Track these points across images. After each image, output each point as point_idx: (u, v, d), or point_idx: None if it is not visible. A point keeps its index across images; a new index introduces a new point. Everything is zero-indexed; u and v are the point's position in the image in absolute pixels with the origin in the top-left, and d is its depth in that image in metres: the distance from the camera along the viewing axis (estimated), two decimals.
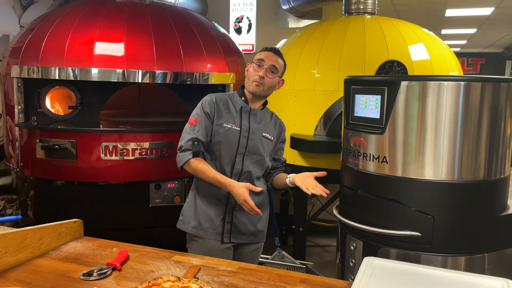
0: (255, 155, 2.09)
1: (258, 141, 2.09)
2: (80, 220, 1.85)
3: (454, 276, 1.40)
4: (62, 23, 3.06)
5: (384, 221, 1.97)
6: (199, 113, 2.06)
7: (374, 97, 1.97)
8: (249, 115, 2.09)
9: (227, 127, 2.05)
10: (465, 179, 1.87)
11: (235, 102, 2.12)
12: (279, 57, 2.10)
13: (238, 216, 2.11)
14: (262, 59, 2.06)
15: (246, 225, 2.13)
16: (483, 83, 1.85)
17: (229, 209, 2.10)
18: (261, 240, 2.23)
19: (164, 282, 1.37)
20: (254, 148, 2.08)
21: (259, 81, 2.03)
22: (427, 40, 3.30)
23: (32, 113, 3.08)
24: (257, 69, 2.06)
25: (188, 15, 3.49)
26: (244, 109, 2.10)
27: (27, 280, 1.44)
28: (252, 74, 2.06)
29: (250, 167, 2.07)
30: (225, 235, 2.11)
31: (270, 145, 2.15)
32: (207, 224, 2.11)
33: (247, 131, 2.07)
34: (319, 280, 1.50)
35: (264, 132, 2.11)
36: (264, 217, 2.21)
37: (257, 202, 2.10)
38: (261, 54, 2.09)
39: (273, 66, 2.05)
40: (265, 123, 2.14)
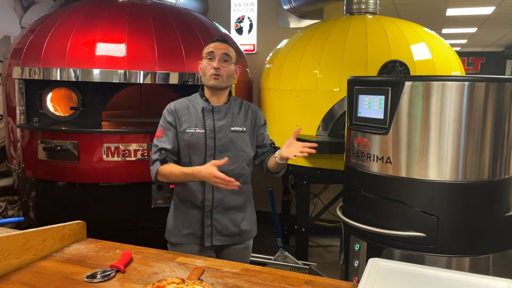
0: (228, 153, 2.02)
1: (227, 138, 2.04)
2: (83, 221, 1.85)
3: (460, 277, 1.39)
4: (64, 24, 3.05)
5: (388, 222, 1.96)
6: (162, 124, 2.07)
7: (378, 98, 1.97)
8: (213, 114, 2.05)
9: (190, 132, 2.03)
10: (469, 180, 1.86)
11: (196, 104, 2.08)
12: (229, 45, 2.05)
13: (218, 219, 2.07)
14: (211, 51, 2.01)
15: (227, 226, 2.09)
16: (487, 83, 1.84)
17: (206, 212, 2.06)
18: (247, 239, 2.18)
19: (169, 284, 1.37)
20: (224, 146, 2.03)
21: (216, 73, 1.99)
22: (429, 39, 3.29)
23: (33, 114, 3.07)
24: (209, 62, 2.01)
25: (189, 15, 3.49)
26: (206, 109, 2.05)
27: (31, 282, 1.44)
28: (207, 69, 2.01)
29: (223, 167, 1.92)
30: (205, 239, 2.07)
31: (245, 136, 2.08)
32: (187, 230, 2.09)
33: (212, 132, 2.02)
34: (323, 281, 1.49)
35: (233, 126, 2.06)
36: (248, 216, 2.16)
37: (238, 203, 2.10)
38: (209, 47, 2.04)
39: (224, 54, 2.01)
40: (233, 116, 2.08)
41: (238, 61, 2.10)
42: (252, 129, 2.12)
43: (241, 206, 2.13)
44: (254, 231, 2.23)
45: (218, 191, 2.04)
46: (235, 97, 2.18)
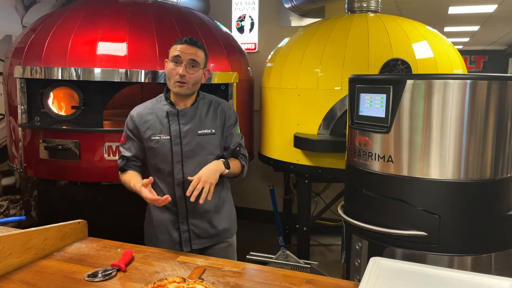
0: (196, 158, 1.93)
1: (194, 142, 1.93)
2: (84, 220, 1.85)
3: (462, 276, 1.39)
4: (65, 23, 3.05)
5: (389, 220, 1.95)
6: (125, 131, 2.01)
7: (379, 96, 1.96)
8: (178, 118, 1.93)
9: (155, 139, 1.93)
10: (471, 178, 1.85)
11: (160, 109, 1.96)
12: (197, 48, 1.90)
13: (195, 223, 1.99)
14: (178, 55, 1.87)
15: (205, 229, 2.01)
16: (489, 82, 1.83)
17: (181, 218, 1.98)
18: (228, 237, 2.10)
19: (170, 283, 1.37)
20: (191, 151, 1.93)
21: (180, 80, 1.86)
22: (431, 38, 3.28)
23: (35, 113, 3.08)
24: (175, 67, 1.87)
25: (190, 14, 3.49)
26: (171, 113, 1.93)
27: (32, 281, 1.44)
28: (172, 74, 1.88)
29: (192, 173, 1.87)
30: (184, 244, 1.99)
31: (214, 138, 1.98)
32: (164, 236, 2.01)
33: (178, 137, 1.92)
34: (325, 280, 1.49)
35: (200, 129, 1.95)
36: (226, 215, 2.08)
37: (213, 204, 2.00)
38: (176, 49, 1.88)
39: (191, 60, 1.87)
40: (200, 118, 1.96)
41: (207, 64, 1.98)
42: (221, 129, 2.02)
43: (217, 206, 2.04)
44: (234, 228, 2.16)
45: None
46: (204, 95, 2.05)
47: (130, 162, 2.00)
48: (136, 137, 1.99)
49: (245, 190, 4.84)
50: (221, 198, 2.07)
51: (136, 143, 1.99)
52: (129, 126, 2.00)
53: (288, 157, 3.34)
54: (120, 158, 2.03)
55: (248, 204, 4.84)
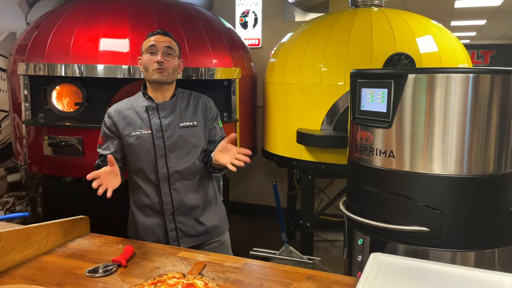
0: (180, 151, 1.91)
1: (176, 135, 1.90)
2: (86, 216, 1.86)
3: (464, 272, 1.37)
4: (67, 20, 3.06)
5: (391, 216, 1.94)
6: (103, 131, 1.97)
7: (380, 91, 1.94)
8: (158, 111, 1.91)
9: (136, 135, 1.89)
10: (474, 174, 1.83)
11: (139, 104, 1.93)
12: (171, 38, 1.93)
13: (182, 221, 1.95)
14: (153, 45, 1.87)
15: (193, 227, 1.96)
16: (492, 75, 1.81)
17: (168, 216, 1.93)
18: (218, 235, 2.05)
19: (169, 278, 1.37)
20: (174, 144, 1.90)
21: (159, 67, 1.85)
22: (436, 32, 3.24)
23: (39, 110, 3.09)
24: (151, 56, 1.87)
25: (193, 10, 3.48)
26: (150, 107, 1.91)
27: (33, 277, 1.45)
28: (149, 63, 1.87)
29: (177, 166, 1.89)
30: (171, 243, 1.94)
31: (197, 130, 1.94)
32: (150, 238, 1.95)
33: (159, 131, 1.88)
34: (325, 276, 1.48)
35: (182, 122, 1.92)
36: (214, 212, 2.03)
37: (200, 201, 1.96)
38: (149, 41, 1.89)
39: (167, 47, 1.88)
40: (181, 111, 1.94)
41: (181, 54, 1.98)
42: (204, 122, 1.98)
43: (203, 202, 1.99)
44: (225, 225, 2.11)
45: (177, 192, 1.92)
46: (182, 90, 2.03)
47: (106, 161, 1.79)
48: (114, 135, 1.94)
49: (248, 186, 4.84)
50: (208, 195, 2.02)
51: (115, 141, 1.94)
52: (106, 124, 1.95)
53: (291, 153, 3.33)
54: (98, 159, 1.95)
55: (251, 200, 4.84)
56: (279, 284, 1.42)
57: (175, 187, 1.92)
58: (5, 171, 3.91)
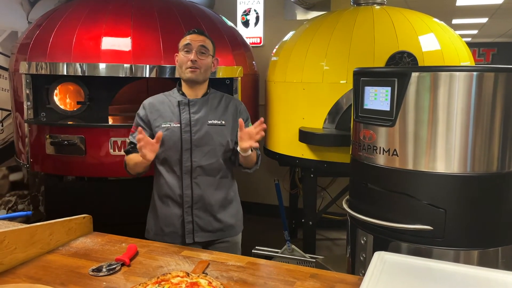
0: (205, 147, 1.98)
1: (203, 131, 1.97)
2: (89, 215, 1.86)
3: (467, 270, 1.37)
4: (69, 18, 3.06)
5: (394, 215, 1.94)
6: (136, 121, 2.05)
7: (384, 89, 1.94)
8: (189, 107, 1.99)
9: (165, 127, 1.97)
10: (477, 172, 1.83)
11: (172, 98, 2.03)
12: (205, 37, 2.00)
13: (199, 215, 2.01)
14: (188, 43, 1.95)
15: (210, 222, 2.02)
16: (496, 73, 1.80)
17: (186, 208, 1.99)
18: (232, 234, 2.10)
19: (173, 277, 1.37)
20: (201, 140, 1.97)
21: (192, 66, 1.93)
22: (438, 30, 3.24)
23: (41, 109, 3.09)
24: (186, 55, 1.95)
25: (194, 8, 3.47)
26: (182, 102, 1.99)
27: (37, 276, 1.45)
28: (183, 61, 1.95)
29: (201, 161, 1.96)
30: (187, 236, 2.00)
31: (224, 129, 2.01)
32: (168, 229, 2.03)
33: (188, 125, 1.96)
34: (329, 275, 1.48)
35: (210, 120, 1.99)
36: (232, 211, 2.09)
37: (219, 198, 2.03)
38: (185, 39, 1.98)
39: (202, 46, 1.95)
40: (211, 109, 2.01)
41: (215, 53, 2.05)
42: (233, 123, 2.04)
43: (223, 201, 2.05)
44: (239, 226, 2.15)
45: (198, 186, 1.98)
46: (215, 90, 2.11)
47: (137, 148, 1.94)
48: (146, 126, 2.01)
49: (251, 185, 4.84)
50: (228, 195, 2.08)
51: (146, 132, 1.99)
52: (140, 115, 2.05)
53: (293, 152, 3.33)
54: (128, 145, 2.07)
55: (253, 199, 4.84)
56: (283, 282, 1.42)
57: (197, 181, 1.99)
58: (7, 170, 3.91)
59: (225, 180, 2.06)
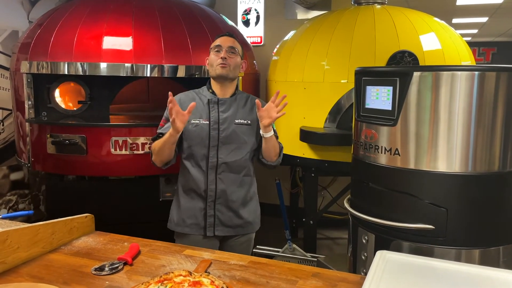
0: (231, 144, 2.08)
1: (231, 129, 2.08)
2: (91, 215, 1.86)
3: (469, 269, 1.37)
4: (70, 18, 3.06)
5: (396, 214, 1.94)
6: (166, 115, 2.11)
7: (385, 89, 1.94)
8: (218, 105, 2.10)
9: (195, 123, 2.07)
10: (479, 171, 1.83)
11: (202, 96, 2.14)
12: (235, 39, 2.14)
13: (221, 210, 2.12)
14: (218, 45, 2.09)
15: (230, 218, 2.13)
16: (497, 73, 1.80)
17: (209, 202, 2.10)
18: (250, 231, 2.22)
19: (176, 276, 1.37)
20: (227, 138, 2.07)
21: (223, 62, 2.05)
22: (439, 29, 3.24)
23: (42, 108, 3.09)
24: (217, 54, 2.08)
25: (195, 8, 3.47)
26: (211, 100, 2.10)
27: (40, 275, 1.45)
28: (214, 60, 2.08)
29: (226, 158, 2.07)
30: (208, 229, 2.12)
31: (249, 129, 2.12)
32: (190, 220, 2.14)
33: (216, 123, 2.07)
34: (331, 274, 1.48)
35: (237, 119, 2.10)
36: (251, 208, 2.21)
37: (241, 195, 2.15)
38: (216, 41, 2.12)
39: (231, 47, 2.08)
40: (238, 108, 2.12)
41: (244, 55, 2.16)
42: (257, 123, 2.10)
43: (244, 198, 2.16)
44: (257, 224, 2.26)
45: (221, 182, 2.09)
46: (242, 91, 2.22)
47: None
48: None
49: None
50: (249, 192, 2.19)
51: None
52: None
53: (294, 151, 3.33)
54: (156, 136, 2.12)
55: None
56: (285, 281, 1.42)
57: (221, 177, 2.09)
58: (8, 169, 3.91)
59: (247, 178, 2.16)
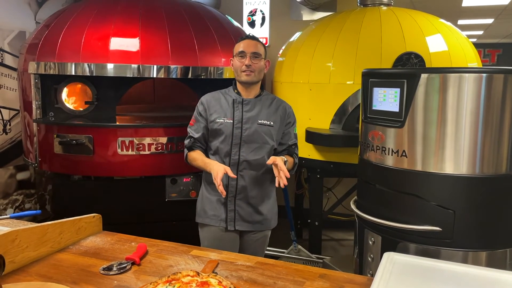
0: (253, 143, 2.15)
1: (254, 129, 2.15)
2: (99, 214, 1.87)
3: (477, 272, 1.37)
4: (78, 19, 3.07)
5: (403, 215, 1.94)
6: (195, 114, 2.25)
7: (393, 90, 1.94)
8: (242, 105, 2.17)
9: (219, 122, 2.16)
10: (486, 173, 1.83)
11: (228, 96, 2.22)
12: (257, 42, 2.19)
13: (241, 205, 2.20)
14: (242, 51, 2.14)
15: (250, 213, 2.21)
16: (505, 75, 1.80)
17: (230, 197, 2.18)
18: (267, 227, 2.30)
19: (184, 276, 1.37)
20: (250, 137, 2.15)
21: (247, 70, 2.12)
22: (445, 31, 3.23)
23: (49, 108, 3.11)
24: (241, 60, 2.14)
25: (202, 9, 3.48)
26: (236, 101, 2.18)
27: (48, 274, 1.46)
28: (239, 66, 2.15)
29: (247, 156, 2.15)
30: (229, 222, 2.20)
31: (271, 130, 2.19)
32: (211, 211, 2.23)
33: (240, 122, 2.14)
34: (338, 275, 1.48)
35: (260, 119, 2.16)
36: (270, 206, 2.28)
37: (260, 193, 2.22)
38: (239, 46, 2.17)
39: (254, 53, 2.14)
40: (261, 109, 2.19)
41: (266, 55, 2.23)
42: (280, 125, 2.21)
43: (263, 195, 2.23)
44: (274, 221, 2.33)
45: (242, 179, 2.17)
46: (268, 92, 2.29)
47: (196, 142, 2.23)
48: (203, 119, 2.22)
49: None
50: (268, 189, 2.26)
51: (202, 125, 2.22)
52: (199, 109, 2.24)
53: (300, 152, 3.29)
54: (187, 138, 2.27)
55: None
56: (292, 282, 1.42)
57: (242, 174, 2.17)
58: (14, 169, 3.93)
59: (267, 175, 2.21)
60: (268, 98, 2.26)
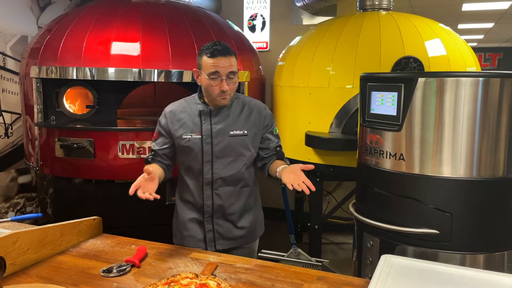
0: (226, 158, 1.93)
1: (225, 143, 1.91)
2: (99, 217, 1.89)
3: (474, 274, 1.38)
4: (79, 23, 3.10)
5: (401, 218, 1.95)
6: (158, 128, 2.01)
7: (390, 94, 1.96)
8: (210, 117, 1.91)
9: (186, 138, 1.92)
10: (483, 176, 1.84)
11: (194, 106, 1.95)
12: (230, 56, 1.85)
13: (220, 223, 1.99)
14: (217, 72, 1.81)
15: (230, 229, 2.01)
16: (502, 79, 1.82)
17: (206, 217, 1.98)
18: (252, 240, 2.10)
19: (183, 279, 1.39)
20: (222, 151, 1.92)
21: (223, 95, 1.86)
22: (444, 35, 3.25)
23: (50, 112, 3.13)
24: (214, 82, 1.83)
25: (202, 13, 3.51)
26: (203, 112, 1.92)
27: (49, 276, 1.47)
28: (212, 91, 1.85)
29: (221, 173, 1.92)
30: (208, 243, 1.99)
31: (246, 139, 1.94)
32: (186, 232, 2.02)
33: (209, 136, 1.90)
34: (336, 277, 1.50)
35: (232, 130, 1.92)
36: (252, 218, 2.07)
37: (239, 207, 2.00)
38: (211, 65, 1.82)
39: (230, 73, 1.84)
40: (233, 119, 1.94)
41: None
42: (256, 131, 1.98)
43: (243, 209, 2.03)
44: (260, 230, 2.16)
45: (218, 197, 1.96)
46: (238, 95, 2.02)
47: (157, 156, 1.99)
48: (167, 134, 1.98)
49: None
50: (248, 202, 2.05)
51: (167, 140, 1.98)
52: (161, 123, 2.00)
53: (299, 156, 3.34)
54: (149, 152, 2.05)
55: None
56: (290, 285, 1.43)
57: (218, 192, 1.96)
58: (16, 172, 3.95)
59: (245, 189, 2.02)
60: (238, 103, 1.98)
